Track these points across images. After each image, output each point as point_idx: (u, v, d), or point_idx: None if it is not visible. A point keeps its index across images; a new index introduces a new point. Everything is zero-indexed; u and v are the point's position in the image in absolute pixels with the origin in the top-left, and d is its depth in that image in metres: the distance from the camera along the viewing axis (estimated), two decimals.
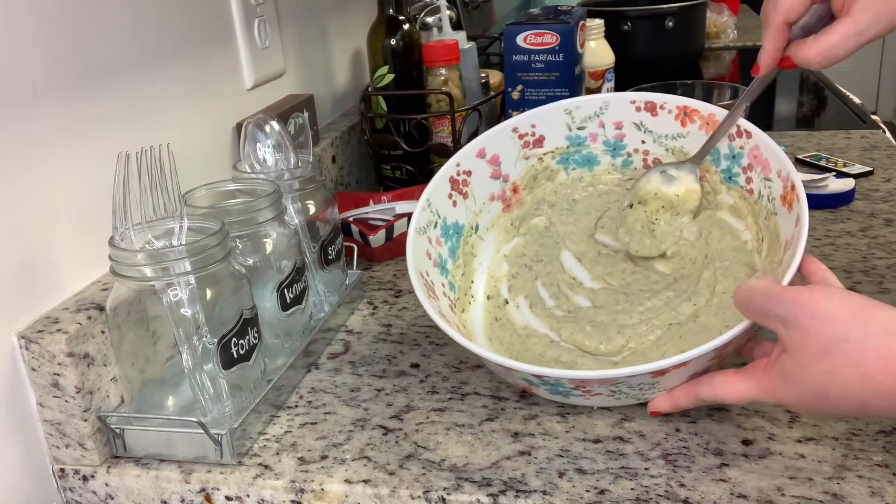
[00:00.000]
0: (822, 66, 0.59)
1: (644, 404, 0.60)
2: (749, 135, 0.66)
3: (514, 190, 0.75)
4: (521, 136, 0.74)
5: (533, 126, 0.74)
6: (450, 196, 0.71)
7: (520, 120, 0.73)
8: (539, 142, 0.74)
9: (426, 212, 0.69)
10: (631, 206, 0.71)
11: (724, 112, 0.67)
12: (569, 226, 0.75)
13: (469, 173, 0.72)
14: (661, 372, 0.53)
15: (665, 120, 0.71)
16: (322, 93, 1.10)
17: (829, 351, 0.47)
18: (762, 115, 1.38)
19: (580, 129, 0.74)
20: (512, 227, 0.75)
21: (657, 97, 0.71)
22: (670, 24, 1.58)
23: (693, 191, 0.69)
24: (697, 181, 0.69)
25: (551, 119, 0.73)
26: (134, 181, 0.55)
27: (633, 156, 0.74)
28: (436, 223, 0.70)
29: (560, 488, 0.53)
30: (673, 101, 0.70)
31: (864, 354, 0.46)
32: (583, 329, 0.67)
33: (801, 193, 0.59)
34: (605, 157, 0.74)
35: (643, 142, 0.73)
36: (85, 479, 0.60)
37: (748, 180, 0.66)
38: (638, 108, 0.72)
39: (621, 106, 0.72)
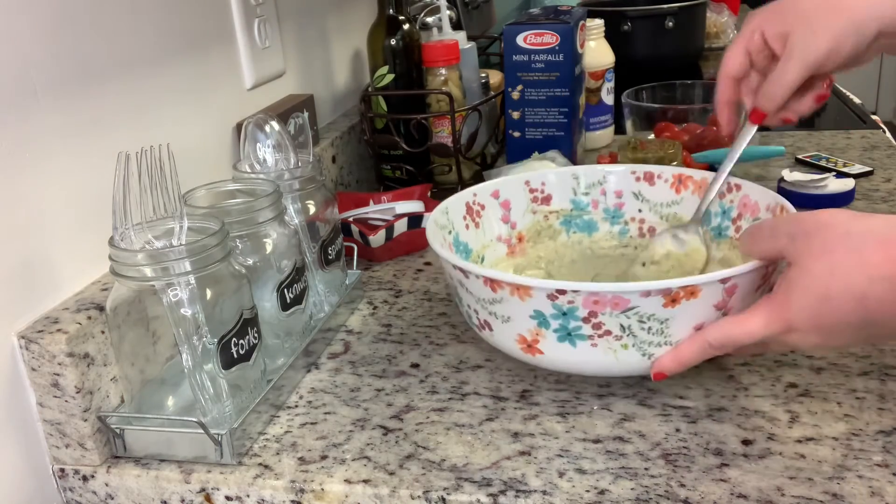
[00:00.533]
0: (781, 98, 0.65)
1: (644, 404, 0.60)
2: (738, 187, 0.71)
3: (520, 239, 0.79)
4: (531, 191, 0.79)
5: (543, 184, 0.80)
6: (464, 218, 0.75)
7: (533, 176, 0.79)
8: (546, 200, 0.80)
9: (444, 216, 0.72)
10: (644, 265, 0.74)
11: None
12: (567, 278, 0.78)
13: (483, 207, 0.77)
14: (673, 299, 0.54)
15: (661, 189, 0.77)
16: (322, 93, 1.10)
17: (832, 246, 0.49)
18: None
19: (584, 194, 0.80)
20: (514, 272, 0.78)
21: (655, 168, 0.78)
22: (670, 24, 1.58)
23: (698, 250, 0.72)
24: (703, 242, 0.72)
25: (560, 181, 0.80)
26: (134, 181, 0.55)
27: (629, 224, 0.80)
28: (450, 231, 0.72)
29: (560, 488, 0.53)
30: (669, 171, 0.77)
31: (863, 243, 0.48)
32: None
33: (789, 207, 0.64)
34: (605, 225, 0.80)
35: (640, 210, 0.79)
36: (85, 479, 0.60)
37: (737, 229, 0.71)
38: (637, 178, 0.78)
39: (622, 176, 0.79)
